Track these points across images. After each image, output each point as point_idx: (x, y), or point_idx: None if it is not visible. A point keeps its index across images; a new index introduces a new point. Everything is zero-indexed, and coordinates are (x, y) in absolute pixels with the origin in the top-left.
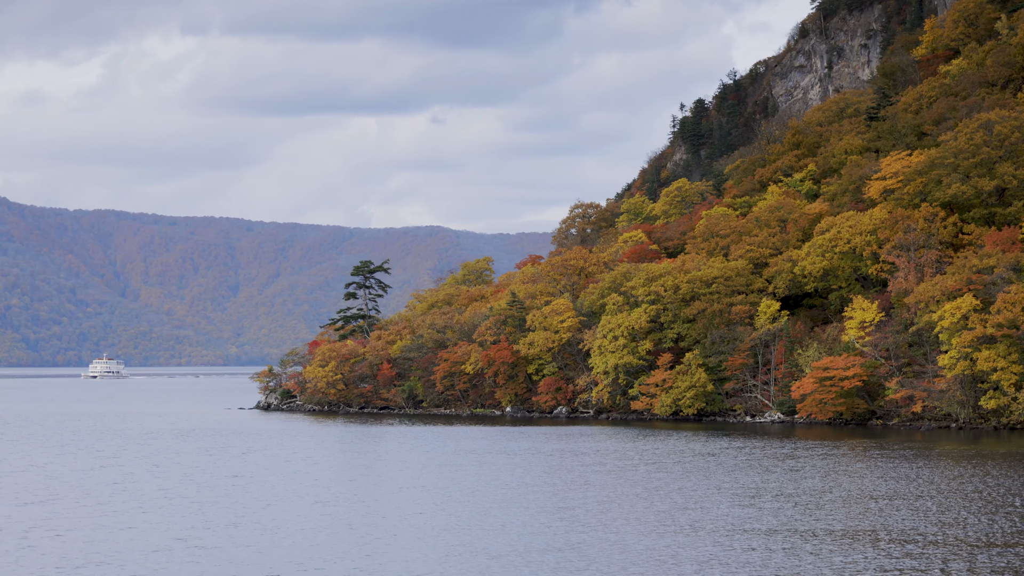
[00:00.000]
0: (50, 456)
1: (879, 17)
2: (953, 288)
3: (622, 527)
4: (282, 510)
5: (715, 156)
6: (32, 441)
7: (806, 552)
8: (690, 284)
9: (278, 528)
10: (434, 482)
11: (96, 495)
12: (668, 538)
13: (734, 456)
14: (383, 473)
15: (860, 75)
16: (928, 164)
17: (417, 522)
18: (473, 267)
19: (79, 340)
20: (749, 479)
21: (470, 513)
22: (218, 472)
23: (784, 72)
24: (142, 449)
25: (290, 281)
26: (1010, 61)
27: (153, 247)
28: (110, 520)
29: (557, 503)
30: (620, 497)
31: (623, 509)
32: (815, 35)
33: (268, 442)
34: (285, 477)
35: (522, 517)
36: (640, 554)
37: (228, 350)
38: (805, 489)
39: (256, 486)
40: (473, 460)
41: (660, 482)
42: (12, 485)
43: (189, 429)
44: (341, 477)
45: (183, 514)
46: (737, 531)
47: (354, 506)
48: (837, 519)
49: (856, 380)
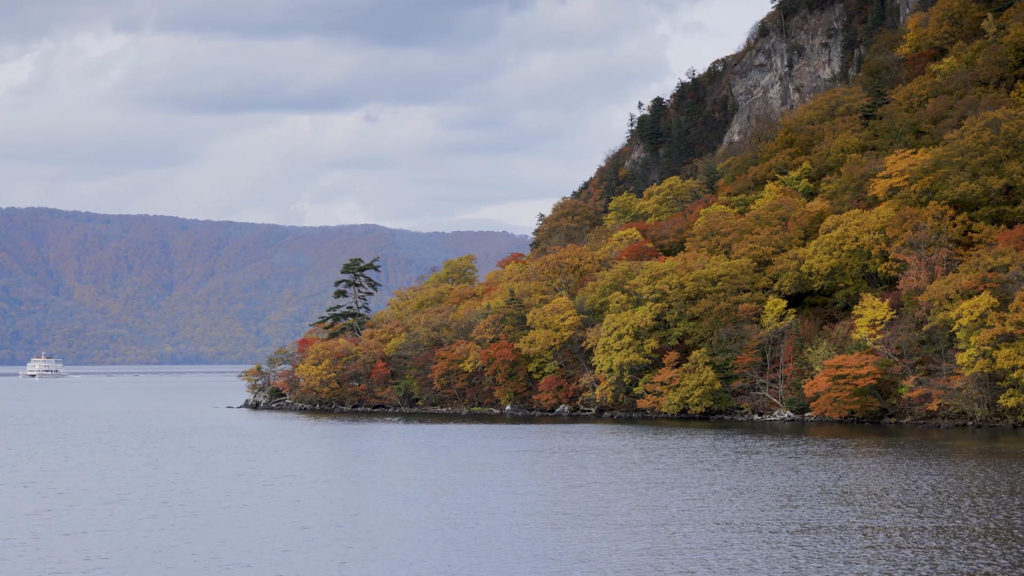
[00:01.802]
0: (102, 456)
1: (840, 16)
2: (968, 286)
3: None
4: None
5: (674, 155)
6: (60, 441)
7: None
8: (695, 282)
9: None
10: (537, 485)
11: (187, 499)
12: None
13: (780, 454)
14: (480, 478)
15: (821, 74)
16: (935, 162)
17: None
18: (456, 265)
19: (12, 339)
20: (829, 477)
21: (677, 509)
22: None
23: (744, 71)
24: (173, 447)
25: (225, 279)
26: (1002, 60)
27: (87, 245)
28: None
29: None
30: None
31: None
32: (775, 34)
33: (304, 444)
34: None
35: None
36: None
37: (163, 349)
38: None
39: (344, 496)
40: (557, 459)
41: (756, 481)
42: (75, 483)
43: (197, 428)
44: (443, 483)
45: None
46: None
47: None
48: (975, 517)
49: (870, 378)
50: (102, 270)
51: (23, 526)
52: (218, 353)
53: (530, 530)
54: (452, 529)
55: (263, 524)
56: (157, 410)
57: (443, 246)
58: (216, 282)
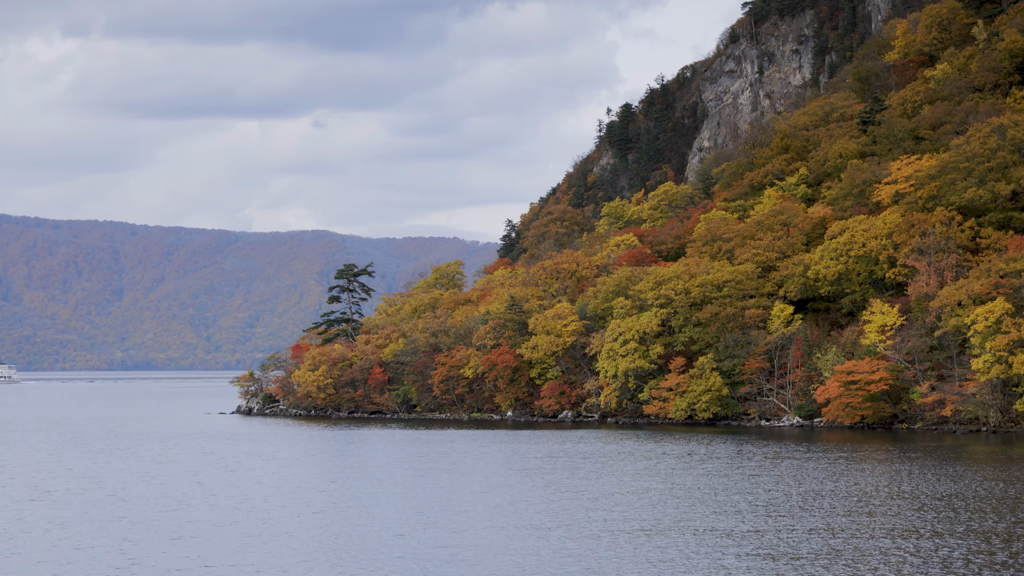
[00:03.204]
0: (149, 465)
1: (811, 23)
2: (981, 292)
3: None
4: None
5: (644, 160)
6: (82, 447)
7: None
8: (701, 288)
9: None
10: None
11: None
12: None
13: (825, 460)
14: (552, 481)
15: (792, 80)
16: (941, 168)
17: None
18: (444, 271)
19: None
20: (899, 484)
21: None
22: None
23: (714, 77)
24: (187, 453)
25: (175, 285)
26: (997, 66)
27: (36, 250)
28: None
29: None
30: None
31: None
32: (746, 40)
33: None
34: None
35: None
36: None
37: (113, 355)
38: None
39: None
40: (633, 464)
41: (837, 485)
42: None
43: (205, 432)
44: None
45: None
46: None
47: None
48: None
49: (883, 384)
50: (52, 276)
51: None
52: (168, 359)
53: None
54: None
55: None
56: (152, 416)
57: (394, 252)
58: (166, 288)
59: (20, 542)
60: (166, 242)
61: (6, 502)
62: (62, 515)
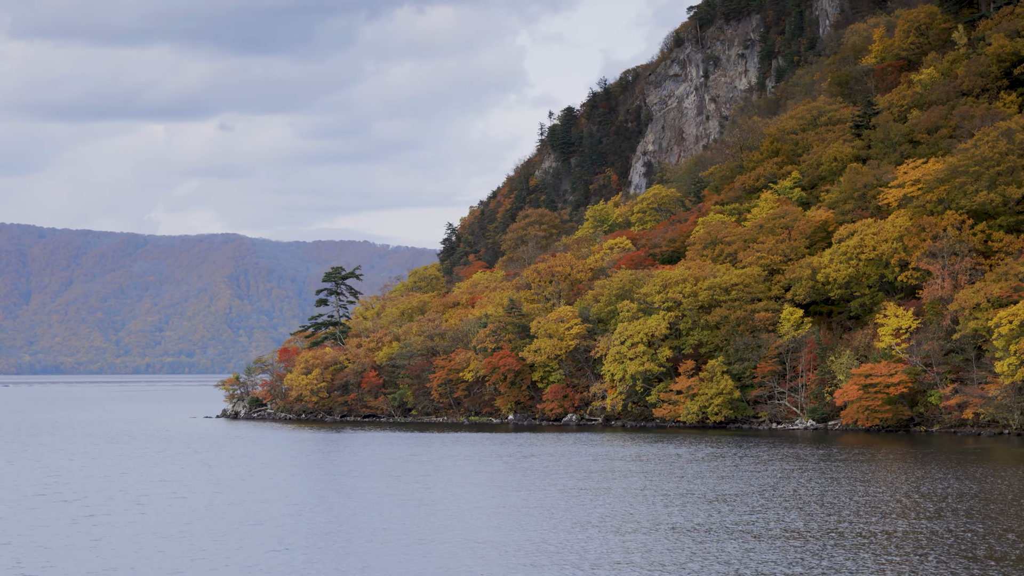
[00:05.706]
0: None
1: (757, 27)
2: (1000, 295)
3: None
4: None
5: (586, 164)
6: (89, 450)
7: None
8: (709, 291)
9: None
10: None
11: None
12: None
13: (869, 462)
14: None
15: (738, 84)
16: (949, 171)
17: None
18: (423, 273)
19: None
20: (958, 486)
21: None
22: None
23: (658, 81)
24: (188, 456)
25: (84, 288)
26: (984, 71)
27: None
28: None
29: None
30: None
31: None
32: (690, 44)
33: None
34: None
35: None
36: None
37: (21, 358)
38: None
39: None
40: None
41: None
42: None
43: (203, 436)
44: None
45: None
46: None
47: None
48: None
49: (902, 387)
50: None
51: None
52: (77, 363)
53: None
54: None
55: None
56: (137, 419)
57: (305, 256)
58: (75, 291)
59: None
60: (74, 245)
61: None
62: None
